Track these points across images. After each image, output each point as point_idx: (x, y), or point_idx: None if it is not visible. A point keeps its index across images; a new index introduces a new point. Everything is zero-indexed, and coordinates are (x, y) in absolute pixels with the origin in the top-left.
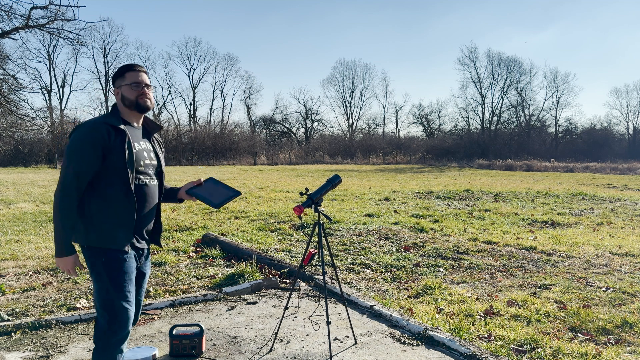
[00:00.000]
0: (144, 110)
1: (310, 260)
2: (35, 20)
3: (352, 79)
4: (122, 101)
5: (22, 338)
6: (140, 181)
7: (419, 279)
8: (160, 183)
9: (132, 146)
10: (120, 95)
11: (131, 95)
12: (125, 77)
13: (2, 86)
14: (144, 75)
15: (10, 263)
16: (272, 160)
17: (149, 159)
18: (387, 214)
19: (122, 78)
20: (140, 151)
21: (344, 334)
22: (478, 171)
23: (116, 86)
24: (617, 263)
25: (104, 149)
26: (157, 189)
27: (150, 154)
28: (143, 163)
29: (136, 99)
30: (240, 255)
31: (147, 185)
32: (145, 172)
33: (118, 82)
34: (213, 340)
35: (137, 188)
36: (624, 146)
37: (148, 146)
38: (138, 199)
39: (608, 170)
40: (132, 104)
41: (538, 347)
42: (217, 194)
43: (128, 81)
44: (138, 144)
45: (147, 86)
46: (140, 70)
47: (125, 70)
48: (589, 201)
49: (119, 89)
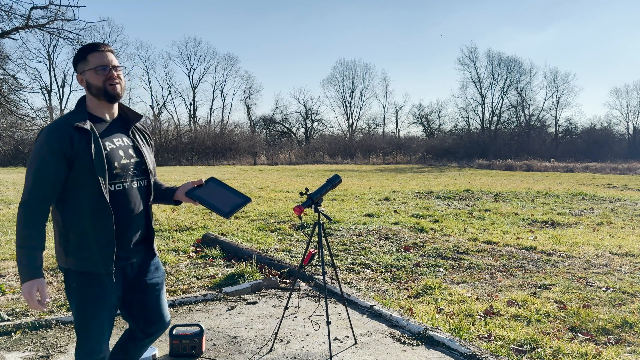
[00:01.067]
0: (113, 98)
1: (310, 260)
2: (35, 20)
3: (352, 79)
4: (89, 89)
5: (22, 338)
6: (117, 186)
7: (419, 279)
8: (147, 183)
9: (102, 147)
10: (85, 82)
11: (97, 82)
12: (88, 60)
13: (2, 86)
14: (110, 55)
15: (10, 263)
16: (272, 160)
17: (127, 157)
18: (387, 214)
19: (84, 62)
20: (113, 150)
21: (344, 334)
22: (478, 171)
23: (79, 71)
24: (617, 263)
25: (67, 156)
26: (143, 190)
27: (129, 150)
28: (118, 164)
29: (104, 85)
30: (240, 255)
31: (127, 190)
32: (123, 175)
33: (81, 67)
34: (213, 340)
35: (114, 195)
36: (624, 146)
37: (125, 142)
38: (116, 209)
39: (608, 170)
40: (99, 92)
41: (538, 347)
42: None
43: (92, 65)
44: (110, 142)
45: (114, 68)
46: (105, 49)
47: (88, 51)
48: (589, 201)
49: (82, 74)
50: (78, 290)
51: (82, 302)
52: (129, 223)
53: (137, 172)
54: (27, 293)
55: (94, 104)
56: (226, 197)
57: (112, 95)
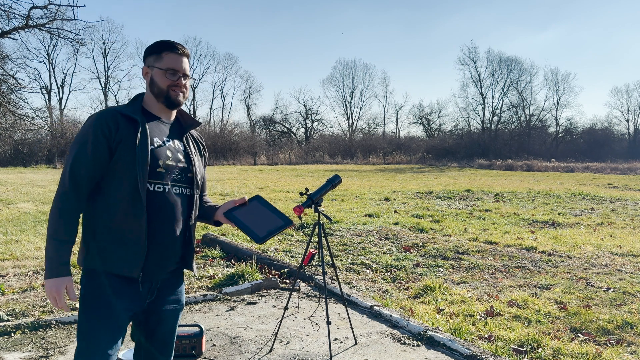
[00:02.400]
0: (173, 105)
1: (310, 260)
2: (34, 20)
3: (352, 79)
4: (151, 86)
5: (21, 338)
6: (157, 187)
7: (419, 279)
8: (191, 193)
9: (148, 140)
10: (150, 77)
11: (163, 84)
12: (162, 57)
13: (2, 86)
14: (185, 61)
15: (10, 263)
16: (272, 160)
17: (174, 160)
18: (387, 214)
19: (157, 57)
20: (161, 148)
21: (344, 335)
22: (478, 171)
23: (147, 64)
24: (617, 263)
25: (111, 142)
26: (186, 200)
27: (178, 154)
28: (163, 163)
29: (167, 90)
30: (240, 255)
31: (167, 194)
32: (166, 176)
33: (150, 61)
34: (213, 340)
35: (152, 196)
36: (625, 146)
37: (177, 145)
38: (151, 210)
39: (608, 170)
40: (161, 94)
41: (538, 348)
42: (263, 222)
43: (164, 65)
44: (159, 139)
45: (184, 76)
46: (183, 53)
47: (164, 48)
48: (589, 201)
49: (150, 68)
50: (93, 293)
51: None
52: (164, 231)
53: (182, 178)
54: (53, 291)
55: (150, 102)
56: (266, 219)
57: (173, 101)
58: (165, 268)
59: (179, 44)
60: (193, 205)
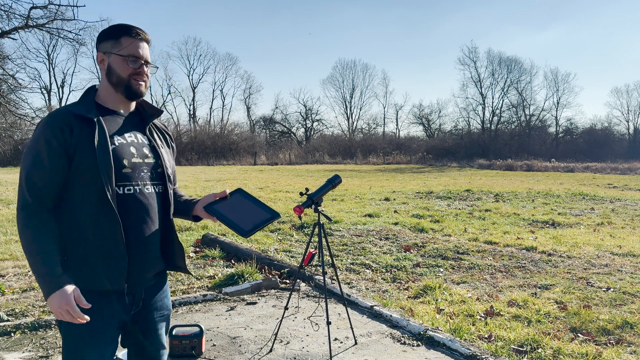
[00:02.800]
0: (135, 96)
1: (310, 260)
2: (34, 20)
3: (352, 79)
4: (108, 75)
5: (21, 338)
6: (126, 189)
7: (419, 279)
8: (164, 190)
9: (108, 140)
10: (107, 65)
11: (123, 72)
12: (122, 43)
13: (2, 86)
14: (146, 47)
15: (10, 263)
16: (272, 160)
17: (140, 157)
18: (387, 214)
19: (115, 43)
20: (123, 146)
21: (344, 335)
22: (478, 171)
23: (102, 50)
24: (617, 263)
25: (67, 148)
26: (160, 197)
27: (144, 149)
28: (128, 162)
29: (129, 79)
30: (240, 255)
31: (139, 195)
32: (133, 176)
33: (107, 46)
34: (213, 340)
35: (122, 200)
36: (625, 146)
37: (140, 139)
38: (124, 216)
39: (608, 170)
40: (120, 83)
41: (538, 348)
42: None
43: (124, 50)
44: (120, 137)
45: (146, 63)
46: (144, 38)
47: (123, 32)
48: (589, 201)
49: (106, 55)
50: None
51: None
52: (142, 235)
53: (152, 175)
54: (63, 304)
55: (107, 94)
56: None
57: (135, 92)
58: (148, 274)
59: (139, 28)
60: (169, 202)
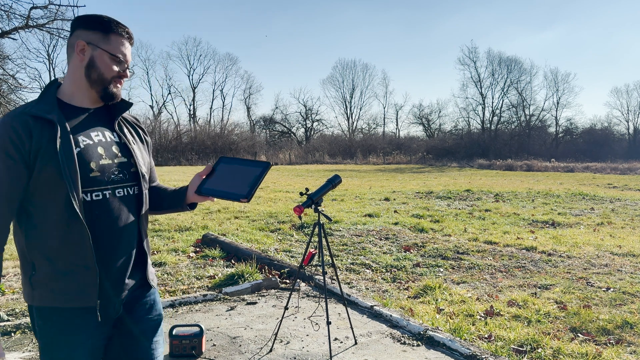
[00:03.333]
0: (111, 99)
1: (310, 260)
2: (35, 20)
3: (352, 79)
4: (88, 69)
5: (21, 338)
6: (94, 195)
7: (419, 279)
8: (139, 191)
9: (72, 143)
10: (88, 58)
11: (107, 72)
12: (110, 40)
13: (2, 86)
14: (130, 49)
15: (10, 263)
16: (272, 160)
17: (109, 157)
18: (387, 214)
19: (104, 37)
20: (89, 147)
21: (344, 334)
22: (478, 171)
23: (85, 39)
24: (617, 263)
25: (25, 155)
26: (133, 200)
27: (113, 148)
28: (96, 165)
29: (110, 81)
30: (240, 255)
31: (109, 200)
32: (103, 180)
33: (93, 37)
34: (213, 340)
35: (90, 207)
36: (624, 146)
37: (108, 137)
38: (93, 225)
39: (608, 170)
40: (100, 83)
41: (538, 348)
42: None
43: (112, 49)
44: (86, 137)
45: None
46: (130, 39)
47: (112, 28)
48: (589, 201)
49: (90, 47)
50: (47, 335)
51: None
52: (112, 244)
53: (124, 176)
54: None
55: (76, 89)
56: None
57: (112, 95)
58: (124, 286)
59: (124, 25)
60: (142, 204)
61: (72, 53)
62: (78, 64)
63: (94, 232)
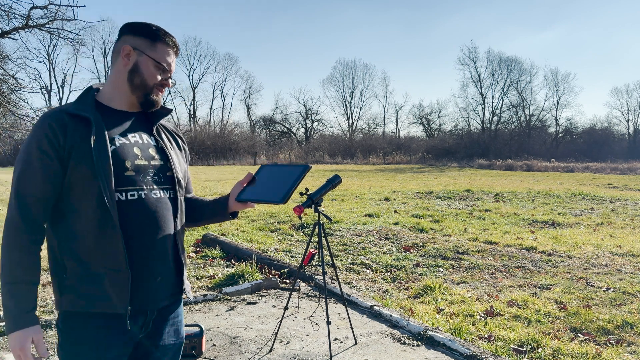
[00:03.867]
0: (150, 106)
1: (310, 260)
2: (35, 20)
3: (352, 79)
4: (131, 74)
5: None
6: (129, 195)
7: (419, 279)
8: (174, 195)
9: (107, 140)
10: (133, 62)
11: (150, 79)
12: (157, 48)
13: (2, 86)
14: (175, 59)
15: None
16: (272, 160)
17: (145, 158)
18: (387, 214)
19: (151, 44)
20: (125, 146)
21: (344, 334)
22: (478, 171)
23: (132, 45)
24: (617, 263)
25: (61, 152)
26: (168, 204)
27: (149, 150)
28: (131, 164)
29: (152, 88)
30: (240, 255)
31: (145, 200)
32: (138, 180)
33: (140, 43)
34: (213, 340)
35: (125, 207)
36: (625, 146)
37: (145, 139)
38: (128, 225)
39: (608, 170)
40: (141, 89)
41: (538, 348)
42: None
43: (157, 56)
44: (122, 136)
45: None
46: (176, 49)
47: (160, 37)
48: (589, 201)
49: (136, 52)
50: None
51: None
52: (147, 247)
53: (159, 179)
54: (17, 348)
55: (117, 93)
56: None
57: (153, 103)
58: (158, 294)
59: (173, 36)
60: (179, 209)
61: (117, 57)
62: (122, 68)
63: (128, 233)
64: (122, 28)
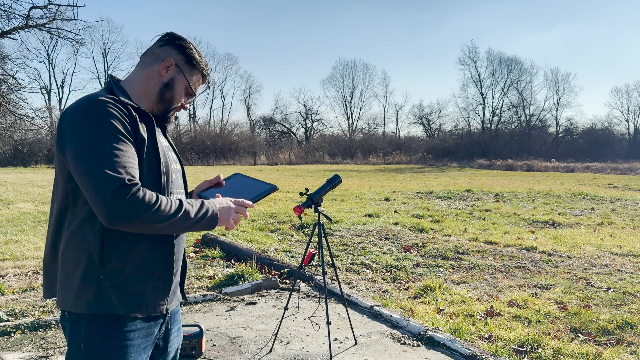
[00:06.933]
0: (164, 121)
1: (310, 260)
2: (34, 20)
3: (353, 79)
4: (164, 87)
5: (21, 338)
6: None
7: (419, 280)
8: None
9: (162, 141)
10: (170, 77)
11: (177, 97)
12: (195, 72)
13: (2, 86)
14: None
15: (10, 263)
16: (271, 160)
17: (176, 163)
18: (387, 214)
19: (190, 68)
20: (165, 149)
21: (344, 335)
22: (478, 171)
23: (176, 60)
24: (617, 263)
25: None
26: None
27: (173, 154)
28: (172, 168)
29: (174, 106)
30: (240, 255)
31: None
32: (177, 182)
33: (182, 62)
34: (213, 340)
35: None
36: (625, 146)
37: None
38: None
39: (609, 170)
40: (165, 103)
41: (539, 348)
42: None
43: (192, 81)
44: (162, 138)
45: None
46: (208, 82)
47: (201, 68)
48: (589, 201)
49: (176, 69)
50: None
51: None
52: (180, 250)
53: (182, 182)
54: (230, 217)
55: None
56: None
57: (167, 119)
58: (176, 294)
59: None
60: None
61: (154, 63)
62: (156, 76)
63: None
64: (171, 37)
